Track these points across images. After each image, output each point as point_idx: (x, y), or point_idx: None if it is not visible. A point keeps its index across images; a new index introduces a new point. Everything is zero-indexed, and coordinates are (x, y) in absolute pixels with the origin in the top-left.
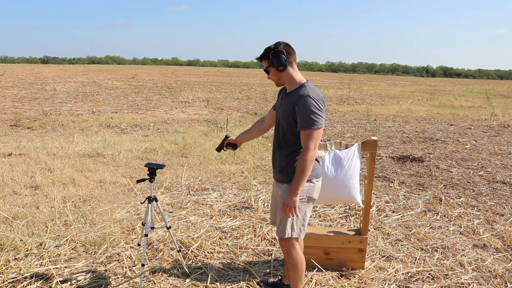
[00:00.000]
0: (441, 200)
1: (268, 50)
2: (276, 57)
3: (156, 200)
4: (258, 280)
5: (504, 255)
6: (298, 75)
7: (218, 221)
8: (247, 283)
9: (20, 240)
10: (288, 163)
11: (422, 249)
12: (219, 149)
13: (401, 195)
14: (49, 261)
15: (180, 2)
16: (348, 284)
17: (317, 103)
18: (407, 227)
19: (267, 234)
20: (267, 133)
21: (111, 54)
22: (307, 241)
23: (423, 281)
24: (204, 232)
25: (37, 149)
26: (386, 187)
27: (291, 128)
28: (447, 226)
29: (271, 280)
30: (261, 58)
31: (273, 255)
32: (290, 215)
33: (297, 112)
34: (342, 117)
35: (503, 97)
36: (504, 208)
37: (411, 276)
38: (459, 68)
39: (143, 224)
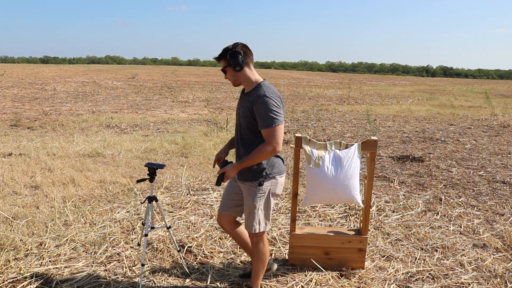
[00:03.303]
0: (441, 200)
1: (226, 50)
2: (233, 57)
3: (156, 200)
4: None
5: (504, 255)
6: (255, 75)
7: None
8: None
9: (20, 240)
10: None
11: (422, 249)
12: (219, 183)
13: (401, 195)
14: (49, 261)
15: (180, 2)
16: (348, 284)
17: (274, 101)
18: (407, 227)
19: (267, 234)
20: None
21: (111, 54)
22: (307, 241)
23: (423, 281)
24: (204, 232)
25: (37, 149)
26: (386, 187)
27: (251, 127)
28: (447, 226)
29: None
30: (219, 58)
31: (273, 255)
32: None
33: (256, 112)
34: (342, 117)
35: (503, 97)
36: (504, 208)
37: (411, 276)
38: (459, 68)
39: (143, 224)
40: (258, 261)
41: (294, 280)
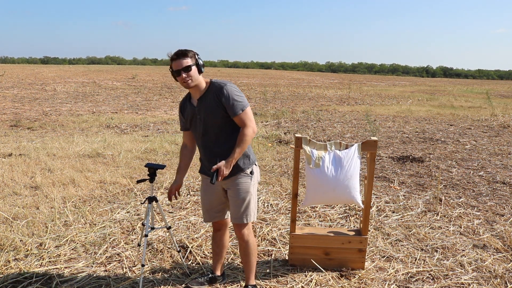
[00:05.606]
0: (441, 200)
1: (190, 51)
2: (200, 59)
3: (156, 201)
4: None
5: (504, 255)
6: (204, 79)
7: None
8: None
9: (20, 240)
10: None
11: (422, 249)
12: (213, 180)
13: (401, 195)
14: (49, 261)
15: (181, 2)
16: (348, 284)
17: (236, 89)
18: (407, 227)
19: (267, 234)
20: (266, 133)
21: (111, 54)
22: (307, 241)
23: (423, 281)
24: (204, 233)
25: (37, 150)
26: (386, 187)
27: (225, 122)
28: (447, 226)
29: (202, 279)
30: (185, 54)
31: (273, 255)
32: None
33: (226, 103)
34: (342, 117)
35: (503, 97)
36: (504, 208)
37: (411, 276)
38: (459, 68)
39: (143, 224)
40: (251, 254)
41: (294, 280)
